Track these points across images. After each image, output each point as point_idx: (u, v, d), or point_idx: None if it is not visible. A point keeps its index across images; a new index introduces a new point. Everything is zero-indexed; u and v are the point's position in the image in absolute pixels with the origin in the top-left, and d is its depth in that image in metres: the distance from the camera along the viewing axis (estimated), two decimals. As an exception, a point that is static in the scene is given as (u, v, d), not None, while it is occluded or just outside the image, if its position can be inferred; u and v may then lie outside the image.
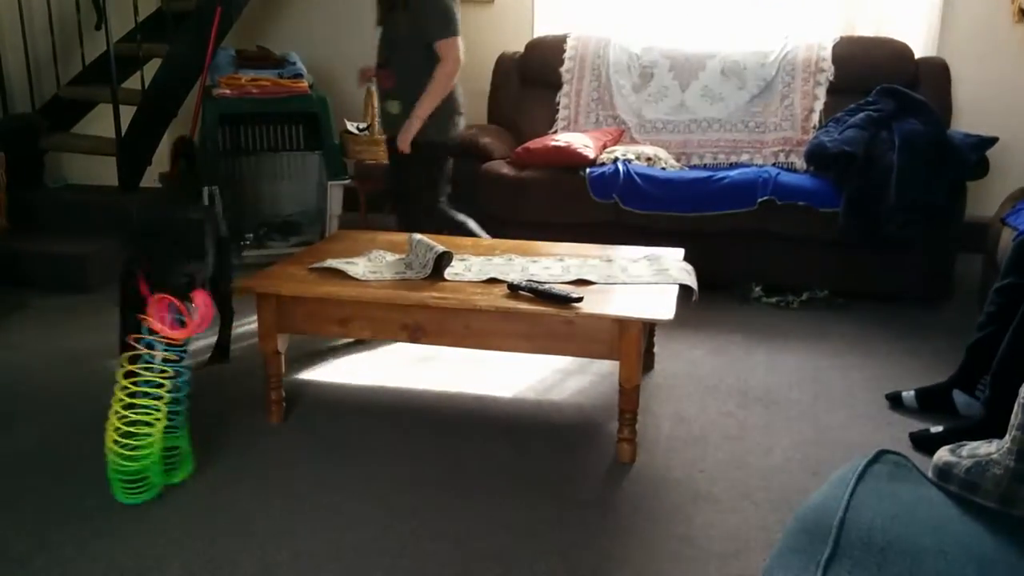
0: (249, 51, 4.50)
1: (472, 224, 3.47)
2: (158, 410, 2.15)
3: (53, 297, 3.79)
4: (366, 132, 4.43)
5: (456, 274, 2.54)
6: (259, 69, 4.32)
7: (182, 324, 2.20)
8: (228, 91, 4.22)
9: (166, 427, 2.18)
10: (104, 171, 4.41)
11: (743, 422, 2.63)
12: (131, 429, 2.12)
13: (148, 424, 2.14)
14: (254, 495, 2.21)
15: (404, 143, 3.33)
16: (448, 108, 3.35)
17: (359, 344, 3.22)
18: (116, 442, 2.11)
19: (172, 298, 2.17)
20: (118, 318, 2.49)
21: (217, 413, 2.65)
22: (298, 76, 4.32)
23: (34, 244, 4.03)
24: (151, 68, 4.31)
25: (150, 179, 4.39)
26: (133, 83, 4.35)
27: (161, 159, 4.36)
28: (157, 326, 2.14)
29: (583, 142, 3.97)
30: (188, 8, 4.30)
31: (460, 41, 3.28)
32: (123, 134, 4.25)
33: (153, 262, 2.27)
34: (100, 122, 4.53)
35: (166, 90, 4.26)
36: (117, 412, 2.13)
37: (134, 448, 2.11)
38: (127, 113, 4.26)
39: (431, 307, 2.40)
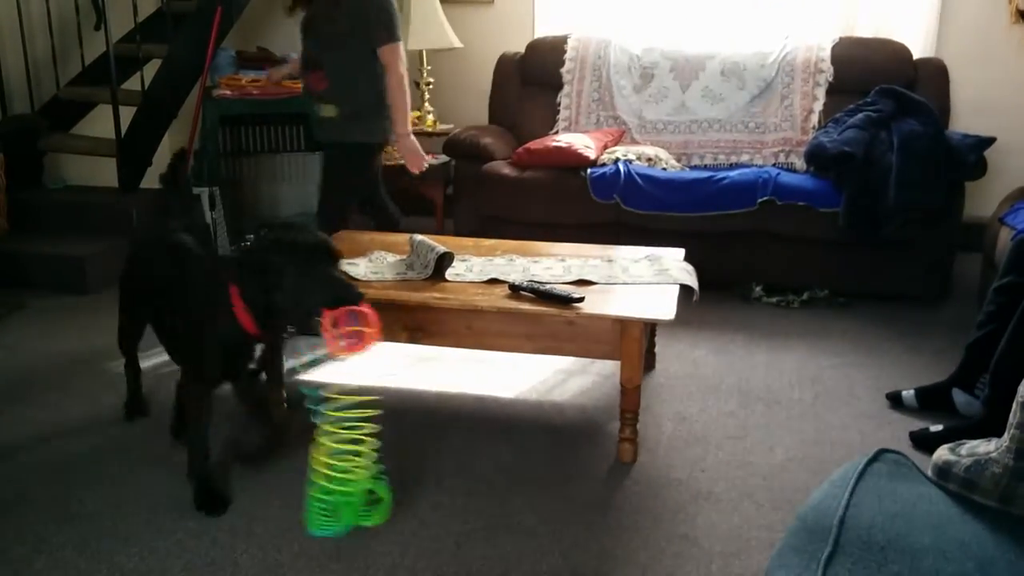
0: (249, 52, 4.51)
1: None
2: (358, 453, 1.94)
3: (52, 298, 3.79)
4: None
5: (457, 275, 2.54)
6: (259, 70, 4.33)
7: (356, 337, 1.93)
8: (228, 92, 4.23)
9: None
10: (104, 172, 4.40)
11: (744, 421, 2.63)
12: (341, 457, 1.91)
13: (356, 454, 1.93)
14: (254, 495, 2.21)
15: (417, 167, 3.35)
16: (379, 110, 3.31)
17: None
18: (325, 472, 1.90)
19: (357, 308, 1.92)
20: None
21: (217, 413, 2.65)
22: (298, 77, 4.32)
23: (33, 245, 4.03)
24: (151, 69, 4.31)
25: (150, 180, 4.39)
26: (133, 84, 4.35)
27: (161, 161, 4.36)
28: (339, 346, 1.89)
29: (584, 143, 3.97)
30: (188, 9, 4.29)
31: (402, 45, 3.26)
32: (123, 135, 4.25)
33: (323, 280, 1.97)
34: (100, 123, 4.53)
35: (166, 91, 4.25)
36: (323, 457, 1.90)
37: (341, 480, 1.91)
38: (127, 114, 4.26)
39: (433, 308, 2.40)
